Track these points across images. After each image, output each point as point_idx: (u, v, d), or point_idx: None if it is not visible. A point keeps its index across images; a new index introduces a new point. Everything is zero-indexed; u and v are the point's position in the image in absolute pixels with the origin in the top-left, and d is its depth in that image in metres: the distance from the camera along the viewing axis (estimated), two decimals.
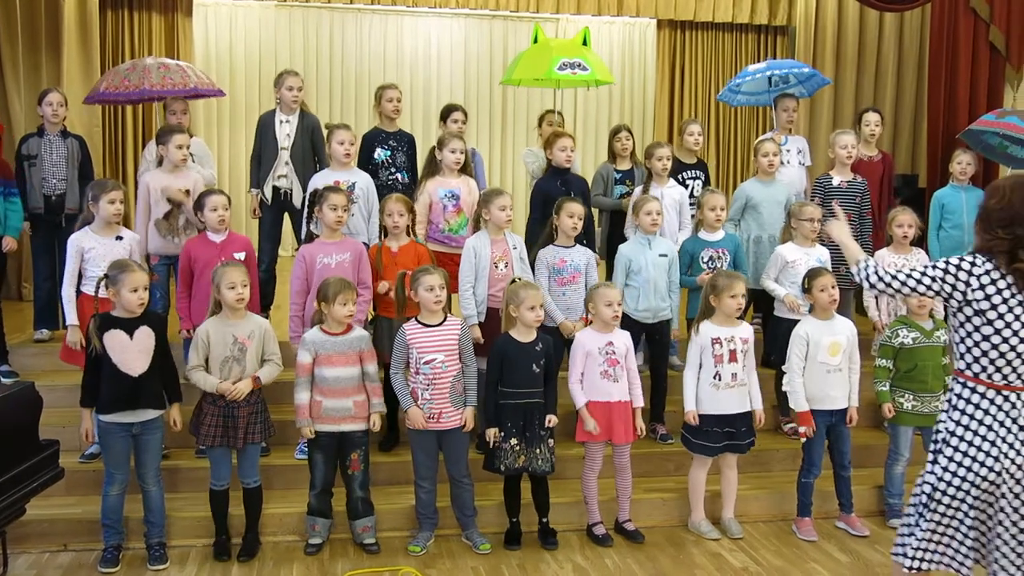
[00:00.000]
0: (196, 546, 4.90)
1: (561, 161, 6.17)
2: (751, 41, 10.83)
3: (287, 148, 6.34)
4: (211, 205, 5.32)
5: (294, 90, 6.35)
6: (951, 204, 6.71)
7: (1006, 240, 3.27)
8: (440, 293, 4.82)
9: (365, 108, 11.19)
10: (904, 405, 5.37)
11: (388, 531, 5.07)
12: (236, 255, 5.26)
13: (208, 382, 4.64)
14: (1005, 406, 3.37)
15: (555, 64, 7.22)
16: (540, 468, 4.88)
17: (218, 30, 10.82)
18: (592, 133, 11.51)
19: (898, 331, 5.39)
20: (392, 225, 5.43)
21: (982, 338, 3.34)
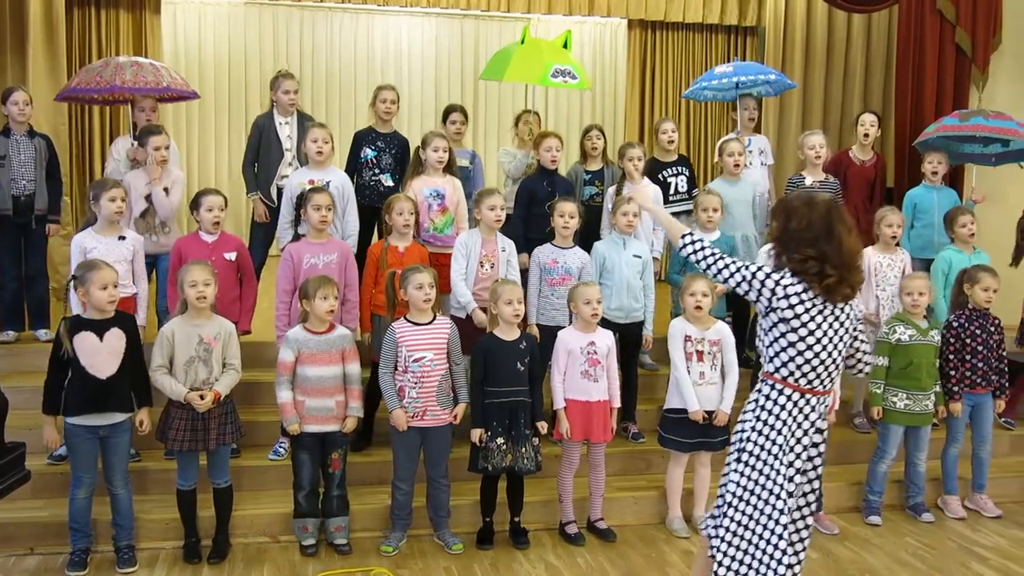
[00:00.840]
0: (165, 548, 4.85)
1: (547, 161, 6.21)
2: (721, 41, 10.88)
3: (291, 149, 6.33)
4: (207, 205, 5.31)
5: (290, 93, 6.36)
6: (923, 203, 6.78)
7: (815, 260, 3.37)
8: (430, 292, 4.82)
9: (336, 107, 11.17)
10: (896, 404, 5.43)
11: (360, 531, 5.05)
12: (227, 255, 5.25)
13: (176, 390, 4.58)
14: (806, 409, 3.50)
15: (549, 71, 7.22)
16: (525, 467, 4.89)
17: (187, 28, 10.74)
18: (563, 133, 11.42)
19: (895, 327, 5.45)
20: (403, 224, 5.43)
21: (788, 344, 3.44)
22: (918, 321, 5.47)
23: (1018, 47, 7.64)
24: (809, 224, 3.39)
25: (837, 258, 3.37)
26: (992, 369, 5.66)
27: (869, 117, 7.11)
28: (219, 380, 4.68)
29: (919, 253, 6.65)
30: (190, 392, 4.58)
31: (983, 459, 5.76)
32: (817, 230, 3.38)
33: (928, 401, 5.47)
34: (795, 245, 3.41)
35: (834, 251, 3.36)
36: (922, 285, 5.47)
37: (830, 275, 3.36)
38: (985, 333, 5.63)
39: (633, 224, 5.71)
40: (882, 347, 5.47)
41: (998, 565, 5.00)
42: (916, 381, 5.41)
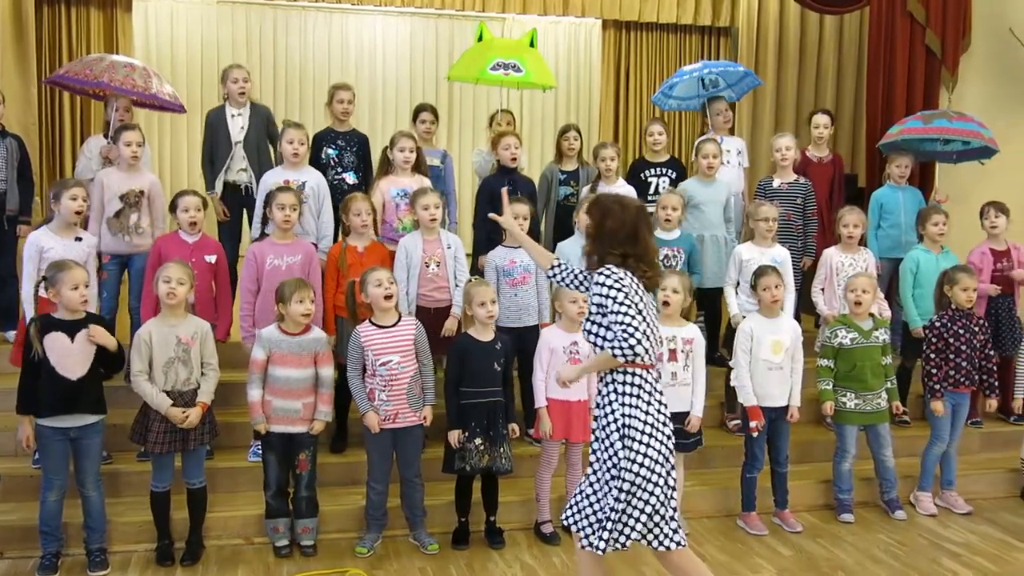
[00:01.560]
0: (138, 551, 4.81)
1: (506, 160, 6.21)
2: (695, 42, 10.92)
3: (241, 141, 6.28)
4: (183, 206, 5.30)
5: (239, 82, 6.30)
6: (889, 204, 6.85)
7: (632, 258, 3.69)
8: (389, 287, 4.82)
9: (310, 106, 11.10)
10: (847, 404, 5.47)
11: (335, 533, 5.04)
12: (207, 258, 5.24)
13: (158, 402, 4.54)
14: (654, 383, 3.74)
15: (489, 64, 7.20)
16: (503, 467, 4.90)
17: (158, 27, 10.64)
18: (538, 133, 11.52)
19: (837, 331, 5.49)
20: (361, 224, 5.42)
21: (635, 328, 3.61)
22: (861, 323, 5.50)
23: (987, 49, 7.72)
24: (622, 224, 3.69)
25: (646, 257, 3.72)
26: (977, 368, 5.71)
27: (823, 118, 7.17)
28: (201, 388, 4.65)
29: (887, 253, 6.72)
30: (172, 407, 4.54)
31: (952, 455, 5.81)
32: (628, 231, 3.69)
33: (879, 400, 5.51)
34: (615, 242, 3.69)
35: (642, 251, 3.70)
36: (865, 283, 5.51)
37: (646, 272, 3.72)
38: (968, 333, 5.68)
39: None
40: (827, 351, 5.52)
41: (969, 561, 5.05)
42: (862, 383, 5.45)
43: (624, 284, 3.63)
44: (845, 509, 5.59)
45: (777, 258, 5.88)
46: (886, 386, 5.55)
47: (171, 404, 4.55)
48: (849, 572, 4.87)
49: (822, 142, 7.14)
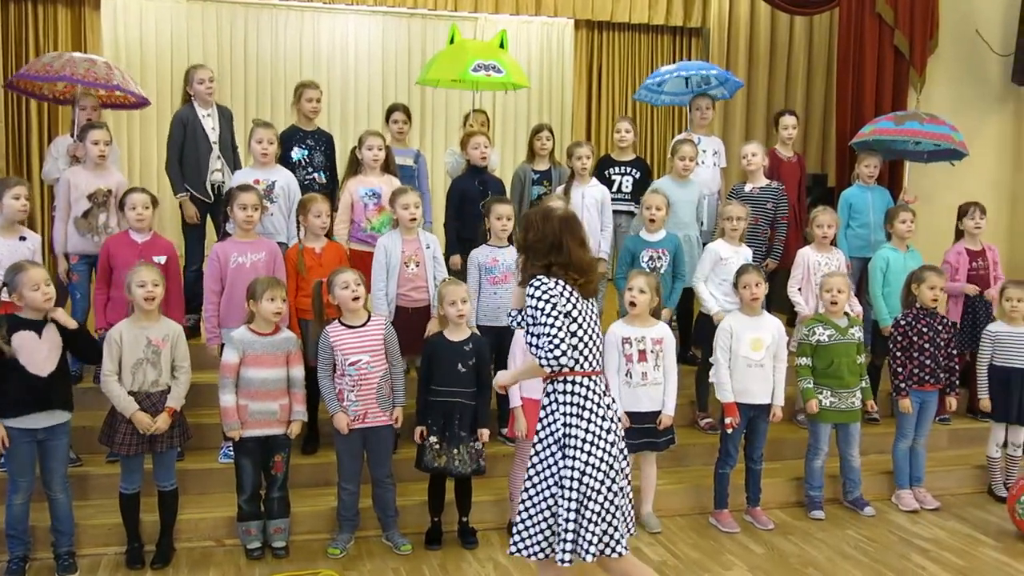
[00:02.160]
0: (107, 554, 4.77)
1: (476, 159, 6.21)
2: (666, 42, 10.96)
3: (216, 142, 6.24)
4: (130, 203, 5.22)
5: (206, 82, 6.24)
6: (858, 204, 6.91)
7: (559, 267, 3.66)
8: (356, 289, 4.80)
9: (281, 106, 11.03)
10: (823, 402, 5.51)
11: (307, 534, 5.02)
12: (156, 258, 5.12)
13: (125, 405, 4.50)
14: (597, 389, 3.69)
15: (470, 65, 7.21)
16: (457, 469, 4.88)
17: (127, 25, 10.54)
18: (511, 133, 11.52)
19: (814, 329, 5.53)
20: (320, 225, 5.39)
21: (570, 335, 3.62)
22: (837, 320, 5.55)
23: (954, 50, 7.81)
24: (543, 236, 3.68)
25: (573, 264, 3.67)
26: (941, 367, 5.78)
27: (790, 119, 7.21)
28: (171, 393, 4.61)
29: (857, 252, 6.77)
30: (139, 412, 4.50)
31: (920, 453, 5.87)
32: (551, 240, 3.66)
33: (854, 398, 5.56)
34: (534, 254, 3.69)
35: (567, 259, 3.65)
36: (840, 283, 5.56)
37: (577, 279, 3.68)
38: (932, 332, 5.74)
39: None
40: (804, 348, 5.56)
41: (937, 556, 5.10)
42: (839, 380, 5.50)
43: (552, 294, 3.61)
44: (816, 506, 5.63)
45: (747, 257, 5.93)
46: (861, 385, 5.60)
47: (138, 408, 4.51)
48: (820, 569, 4.91)
49: (790, 142, 7.19)
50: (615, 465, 3.66)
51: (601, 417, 3.66)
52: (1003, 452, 6.01)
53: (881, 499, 5.88)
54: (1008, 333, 5.92)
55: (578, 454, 3.61)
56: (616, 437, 3.69)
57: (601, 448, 3.62)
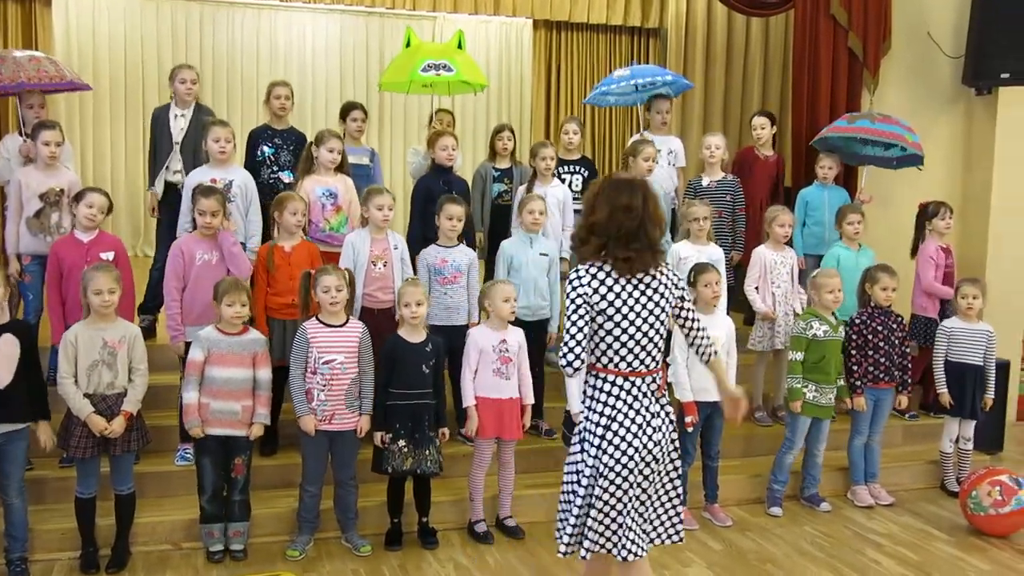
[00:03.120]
0: (61, 559, 4.70)
1: (443, 160, 6.20)
2: (625, 43, 10.99)
3: (179, 142, 6.17)
4: (87, 201, 5.14)
5: (187, 83, 6.18)
6: (814, 202, 6.99)
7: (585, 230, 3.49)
8: (336, 295, 4.77)
9: (238, 104, 10.97)
10: (807, 396, 5.58)
11: (266, 536, 4.99)
12: (103, 255, 5.06)
13: (80, 407, 4.43)
14: (634, 391, 3.50)
15: (419, 65, 7.18)
16: (429, 470, 4.88)
17: (79, 21, 10.40)
18: (470, 133, 11.52)
19: (811, 323, 5.60)
20: (296, 224, 5.36)
21: (606, 333, 3.46)
22: (830, 317, 5.64)
23: (906, 52, 7.91)
24: (585, 201, 3.57)
25: (602, 227, 3.43)
26: (895, 365, 5.86)
27: (760, 120, 7.33)
28: (127, 396, 4.54)
29: (811, 250, 6.86)
30: (93, 415, 4.43)
31: (875, 449, 5.96)
32: (588, 206, 3.52)
33: (831, 394, 5.65)
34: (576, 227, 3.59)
35: (601, 221, 3.43)
36: (839, 282, 5.67)
37: (590, 243, 3.46)
38: (887, 330, 5.82)
39: (539, 222, 5.74)
40: (799, 342, 5.62)
41: (891, 551, 5.19)
42: (826, 375, 5.60)
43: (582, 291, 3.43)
44: (776, 502, 5.70)
45: (713, 257, 5.98)
46: (838, 383, 5.68)
47: (93, 410, 4.44)
48: (777, 564, 4.96)
49: (764, 141, 7.27)
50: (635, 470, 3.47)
51: (630, 419, 3.47)
52: (955, 447, 6.11)
53: (837, 495, 5.97)
54: (962, 329, 6.03)
55: (593, 450, 3.50)
56: (644, 443, 3.47)
57: (620, 450, 3.45)
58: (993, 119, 7.70)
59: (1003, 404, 6.83)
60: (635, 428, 3.48)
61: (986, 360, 6.04)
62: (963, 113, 7.93)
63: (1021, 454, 7.12)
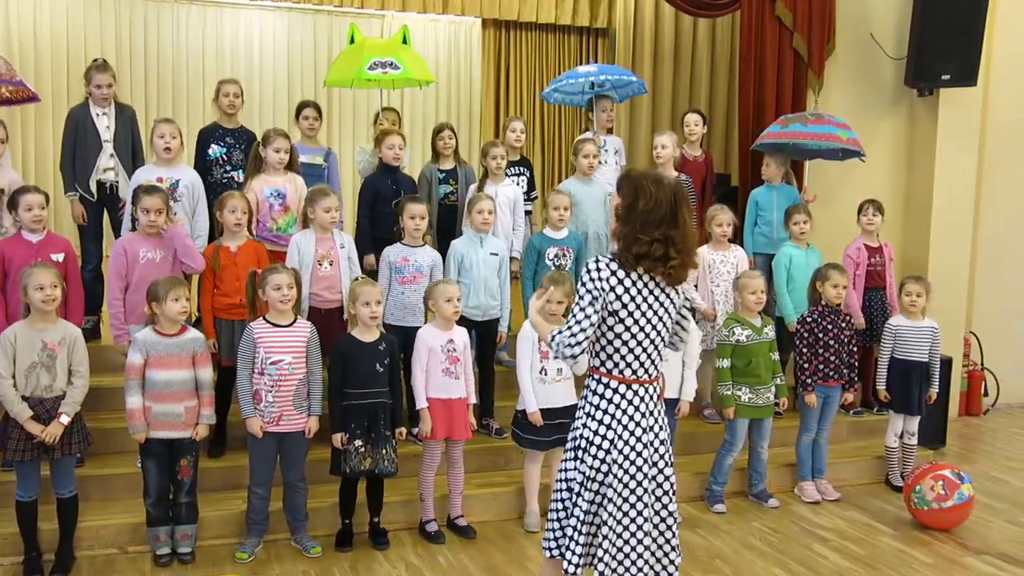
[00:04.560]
0: (3, 564, 4.60)
1: (389, 159, 6.17)
2: (574, 42, 11.06)
3: (110, 140, 6.04)
4: (25, 204, 5.01)
5: (103, 87, 6.02)
6: (763, 202, 7.06)
7: (660, 243, 3.24)
8: (288, 292, 4.73)
9: (183, 102, 10.82)
10: (741, 398, 5.63)
11: (214, 538, 4.93)
12: (54, 256, 4.97)
13: (19, 411, 4.33)
14: (635, 400, 3.38)
15: (366, 64, 7.14)
16: (386, 469, 4.85)
17: (20, 17, 10.18)
18: (419, 132, 11.43)
19: (733, 329, 5.65)
20: (235, 222, 5.30)
21: (615, 336, 3.33)
22: (753, 320, 5.69)
23: (850, 53, 8.02)
24: (657, 204, 3.24)
25: (682, 242, 3.26)
26: (844, 363, 5.95)
27: (694, 117, 7.42)
28: (65, 398, 4.44)
29: (762, 249, 6.94)
30: (31, 420, 4.33)
31: (822, 445, 6.04)
32: (664, 212, 3.24)
33: (769, 393, 5.71)
34: (641, 226, 3.25)
35: (679, 235, 3.24)
36: (761, 283, 5.72)
37: (674, 259, 3.25)
38: (836, 328, 5.90)
39: (489, 221, 5.75)
40: (724, 349, 5.68)
41: (837, 545, 5.26)
42: (757, 377, 5.65)
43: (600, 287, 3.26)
44: (717, 500, 5.75)
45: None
46: (775, 382, 5.73)
47: (31, 415, 4.34)
48: (726, 560, 5.01)
49: (695, 139, 7.34)
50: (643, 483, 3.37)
51: (627, 429, 3.35)
52: (900, 443, 6.22)
53: (784, 491, 6.04)
54: (907, 327, 6.13)
55: (585, 456, 3.40)
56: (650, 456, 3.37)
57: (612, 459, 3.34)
58: (935, 120, 7.86)
59: (946, 400, 6.97)
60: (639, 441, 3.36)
61: (931, 356, 6.15)
62: (906, 114, 8.08)
63: (963, 449, 7.27)
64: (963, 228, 7.97)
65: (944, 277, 7.43)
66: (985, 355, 8.40)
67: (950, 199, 7.87)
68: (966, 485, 5.43)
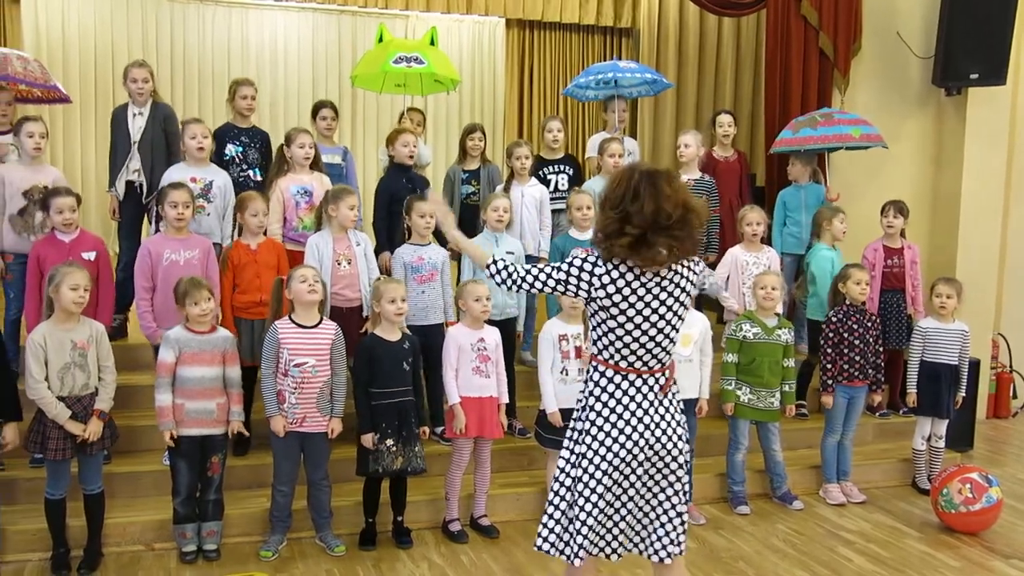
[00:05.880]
0: (32, 560, 4.66)
1: (403, 157, 6.19)
2: (598, 42, 11.05)
3: (137, 141, 6.09)
4: (56, 207, 5.09)
5: (138, 82, 6.09)
6: (791, 202, 7.04)
7: (616, 221, 3.20)
8: (314, 284, 4.75)
9: (209, 103, 10.89)
10: (741, 398, 5.60)
11: (238, 536, 4.96)
12: (85, 255, 5.05)
13: (58, 413, 4.37)
14: (630, 390, 3.34)
15: (391, 58, 7.15)
16: (419, 467, 4.87)
17: (49, 19, 10.28)
18: (443, 133, 11.49)
19: (742, 325, 5.62)
20: (257, 224, 5.34)
21: (608, 329, 3.31)
22: (766, 319, 5.66)
23: (877, 52, 7.97)
24: (616, 186, 3.24)
25: (639, 217, 3.15)
26: (869, 363, 5.91)
27: (727, 117, 7.40)
28: (99, 395, 4.50)
29: (790, 249, 6.92)
30: (71, 420, 4.38)
31: (847, 447, 6.00)
32: (622, 191, 3.21)
33: (773, 399, 5.65)
34: (604, 211, 3.26)
35: (637, 210, 3.16)
36: (774, 281, 5.68)
37: (628, 234, 3.16)
38: (862, 328, 5.86)
39: (503, 220, 5.75)
40: (731, 344, 5.66)
41: (863, 548, 5.22)
42: (759, 378, 5.60)
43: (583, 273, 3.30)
44: (740, 501, 5.72)
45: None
46: (783, 388, 5.69)
47: (70, 414, 4.39)
48: (749, 562, 4.99)
49: (728, 140, 7.31)
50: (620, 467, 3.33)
51: (623, 419, 3.32)
52: (927, 445, 6.17)
53: (809, 493, 6.00)
54: (937, 329, 6.07)
55: (579, 441, 3.39)
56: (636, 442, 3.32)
57: (605, 446, 3.32)
58: (963, 119, 7.78)
59: (973, 402, 6.90)
60: (628, 428, 3.31)
61: (961, 359, 6.08)
62: (933, 113, 8.01)
63: (991, 452, 7.21)
64: (991, 229, 7.88)
65: (972, 278, 7.34)
66: (1013, 357, 8.31)
67: (978, 199, 7.79)
68: (994, 488, 5.38)
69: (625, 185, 3.23)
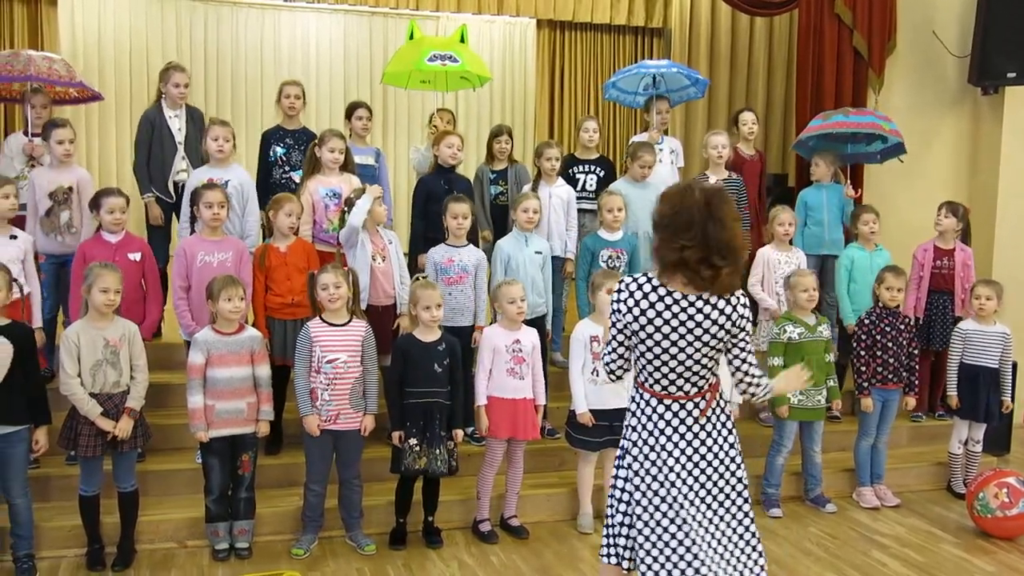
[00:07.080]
0: (68, 556, 4.70)
1: (446, 158, 6.19)
2: (629, 42, 11.03)
3: (182, 142, 6.15)
4: (108, 207, 5.15)
5: (180, 86, 6.14)
6: (813, 202, 6.97)
7: (692, 248, 3.12)
8: (334, 292, 4.77)
9: (242, 104, 10.98)
10: (791, 400, 5.55)
11: (270, 535, 4.99)
12: (131, 256, 5.12)
13: (89, 409, 4.42)
14: (667, 415, 3.33)
15: (425, 56, 7.16)
16: (438, 469, 4.85)
17: (85, 22, 10.41)
18: (473, 133, 11.50)
19: (785, 327, 5.58)
20: (290, 226, 5.37)
21: (639, 354, 3.31)
22: (806, 318, 5.62)
23: (912, 51, 7.90)
24: (683, 209, 3.14)
25: (720, 245, 3.12)
26: (902, 366, 5.85)
27: (749, 115, 7.34)
28: (131, 393, 4.54)
29: (811, 250, 6.84)
30: (102, 416, 4.43)
31: (881, 450, 5.94)
32: (691, 216, 3.12)
33: (820, 396, 5.63)
34: (671, 235, 3.16)
35: (715, 238, 3.11)
36: (812, 281, 5.66)
37: (718, 263, 3.12)
38: (895, 331, 5.80)
39: (533, 220, 5.74)
40: (776, 347, 5.60)
41: (897, 552, 5.17)
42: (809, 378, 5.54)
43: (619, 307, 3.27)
44: (773, 504, 5.68)
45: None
46: (828, 383, 5.65)
47: (101, 411, 4.44)
48: (782, 565, 4.95)
49: (751, 138, 7.27)
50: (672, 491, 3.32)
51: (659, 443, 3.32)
52: (964, 449, 6.09)
53: (843, 496, 5.95)
54: (977, 331, 5.99)
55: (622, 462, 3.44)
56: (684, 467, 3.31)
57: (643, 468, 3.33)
58: (1000, 119, 7.70)
59: None
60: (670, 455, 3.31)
61: (1002, 363, 5.99)
62: (969, 113, 7.92)
63: None
64: None
65: (1009, 280, 7.23)
66: None
67: (1016, 200, 7.69)
68: None
69: (694, 209, 3.14)
